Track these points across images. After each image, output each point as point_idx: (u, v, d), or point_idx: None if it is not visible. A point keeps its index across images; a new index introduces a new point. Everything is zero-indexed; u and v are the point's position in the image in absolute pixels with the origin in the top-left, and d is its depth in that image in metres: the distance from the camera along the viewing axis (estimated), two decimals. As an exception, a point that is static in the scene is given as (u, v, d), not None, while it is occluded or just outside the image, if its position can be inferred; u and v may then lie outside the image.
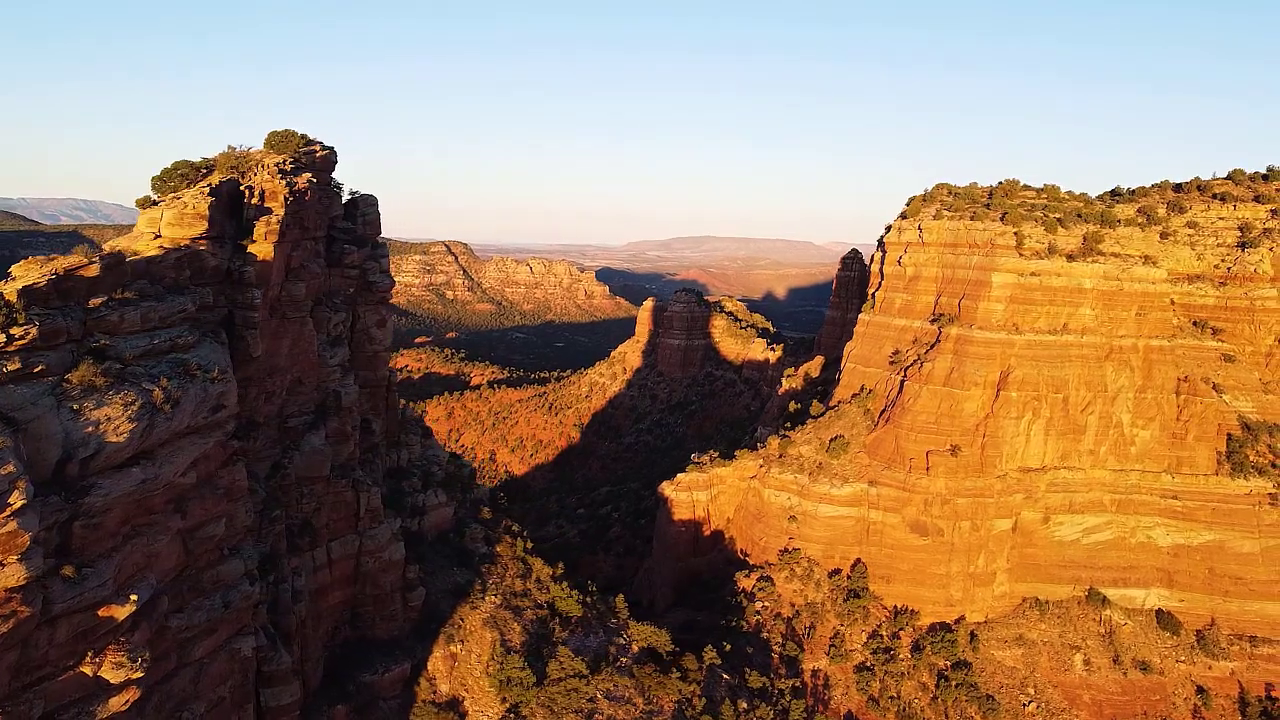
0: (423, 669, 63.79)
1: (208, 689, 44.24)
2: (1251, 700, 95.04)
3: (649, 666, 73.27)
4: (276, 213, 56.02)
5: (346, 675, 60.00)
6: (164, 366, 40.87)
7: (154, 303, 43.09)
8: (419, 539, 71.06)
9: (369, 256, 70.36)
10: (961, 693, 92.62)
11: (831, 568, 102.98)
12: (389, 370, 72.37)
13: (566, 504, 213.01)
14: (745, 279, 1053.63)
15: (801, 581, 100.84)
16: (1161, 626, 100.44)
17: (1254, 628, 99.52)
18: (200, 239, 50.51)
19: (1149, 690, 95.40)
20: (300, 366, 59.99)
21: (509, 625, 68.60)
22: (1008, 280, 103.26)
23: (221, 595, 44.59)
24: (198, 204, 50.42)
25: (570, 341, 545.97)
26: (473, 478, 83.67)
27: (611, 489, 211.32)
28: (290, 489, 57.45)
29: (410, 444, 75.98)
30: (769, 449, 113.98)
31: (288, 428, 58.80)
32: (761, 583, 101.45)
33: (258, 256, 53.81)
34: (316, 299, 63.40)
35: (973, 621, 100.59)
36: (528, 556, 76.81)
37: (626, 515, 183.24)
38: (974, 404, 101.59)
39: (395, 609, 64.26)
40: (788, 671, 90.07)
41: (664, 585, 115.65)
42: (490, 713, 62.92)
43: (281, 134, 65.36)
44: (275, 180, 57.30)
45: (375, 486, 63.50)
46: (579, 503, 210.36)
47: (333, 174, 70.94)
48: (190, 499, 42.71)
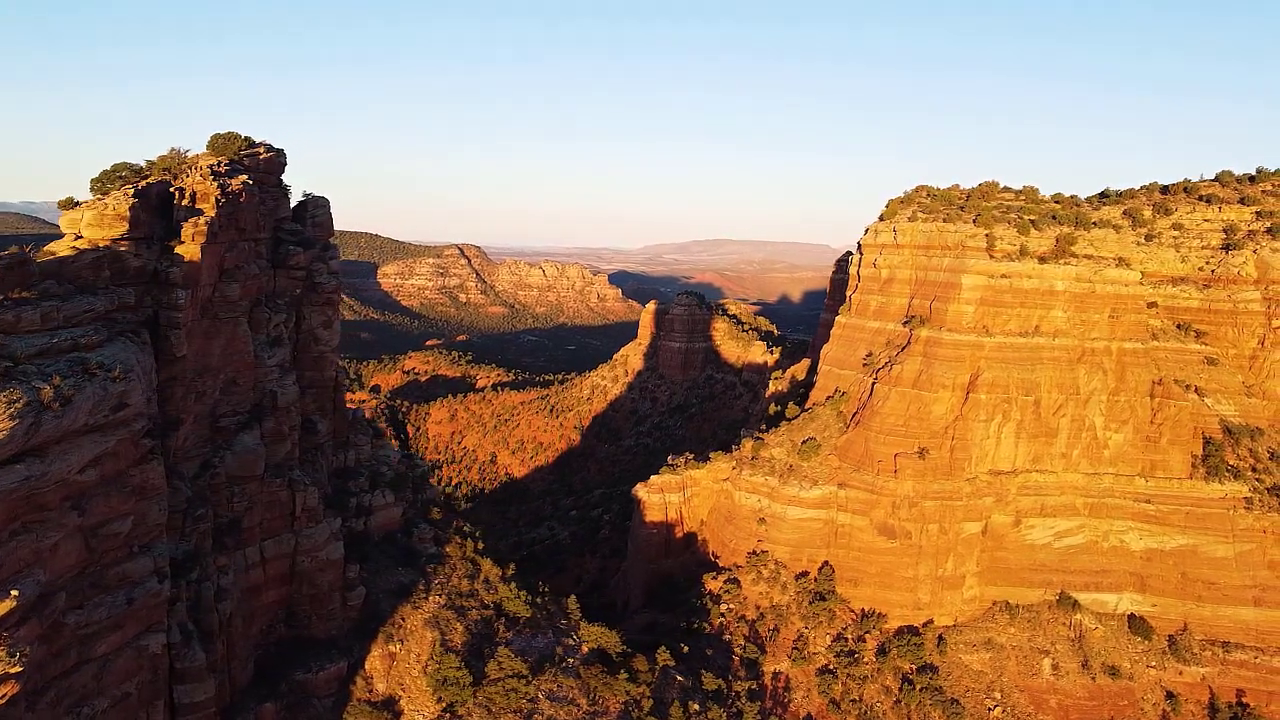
0: (360, 668, 64.12)
1: (111, 685, 44.61)
2: (1222, 706, 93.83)
3: (596, 667, 73.34)
4: (207, 214, 56.57)
5: (280, 673, 60.40)
6: (61, 365, 41.30)
7: (57, 302, 43.67)
8: (364, 539, 71.46)
9: (316, 258, 70.85)
10: (926, 696, 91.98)
11: (799, 570, 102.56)
12: (336, 370, 72.77)
13: (561, 506, 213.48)
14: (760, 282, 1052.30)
15: (768, 584, 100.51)
16: (1133, 631, 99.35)
17: (1227, 633, 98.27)
18: (122, 240, 51.12)
19: (1117, 695, 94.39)
20: (234, 366, 60.52)
21: (451, 625, 68.83)
22: (978, 282, 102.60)
23: (125, 592, 44.95)
24: (118, 205, 51.00)
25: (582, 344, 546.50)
26: (425, 478, 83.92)
27: (605, 491, 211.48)
28: (220, 488, 57.92)
29: (359, 444, 76.37)
30: (742, 451, 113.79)
31: (219, 427, 59.30)
32: (728, 585, 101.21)
33: (184, 257, 54.22)
34: (256, 299, 63.90)
35: (941, 625, 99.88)
36: (477, 557, 77.03)
37: (617, 517, 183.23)
38: (942, 406, 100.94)
39: (334, 608, 64.65)
40: (747, 674, 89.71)
41: (636, 587, 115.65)
42: (426, 712, 63.14)
43: (224, 136, 66.07)
44: (207, 182, 57.85)
45: (313, 486, 63.88)
46: (573, 504, 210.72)
47: (281, 176, 71.61)
48: (92, 497, 43.02)
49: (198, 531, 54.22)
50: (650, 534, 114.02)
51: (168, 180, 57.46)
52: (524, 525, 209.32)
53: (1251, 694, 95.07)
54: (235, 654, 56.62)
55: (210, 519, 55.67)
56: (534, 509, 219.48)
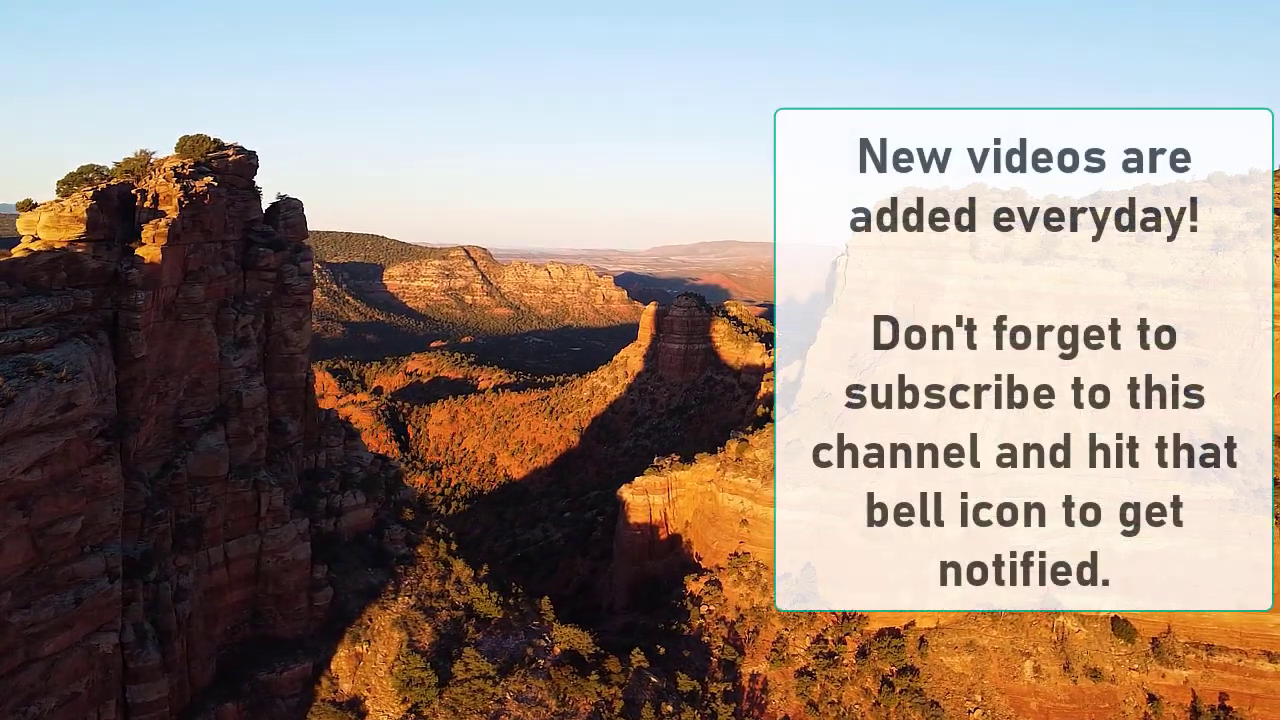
0: (326, 669, 64.31)
1: (60, 684, 44.91)
2: (1204, 709, 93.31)
3: (568, 669, 73.34)
4: (169, 215, 56.84)
5: (243, 673, 60.63)
6: (6, 366, 41.69)
7: (5, 303, 44.02)
8: (334, 539, 71.61)
9: (288, 259, 71.02)
10: (905, 698, 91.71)
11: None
12: (307, 372, 73.02)
13: (557, 507, 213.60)
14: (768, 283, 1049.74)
15: (749, 585, 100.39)
16: (1116, 634, 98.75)
17: (1211, 636, 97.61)
18: (79, 241, 51.42)
19: (1098, 698, 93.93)
20: (199, 367, 60.80)
21: (420, 626, 68.94)
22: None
23: (75, 592, 45.26)
24: (75, 207, 51.27)
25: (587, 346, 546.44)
26: (399, 480, 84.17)
27: (601, 492, 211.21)
28: (182, 488, 58.16)
29: (331, 445, 76.56)
30: (726, 452, 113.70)
31: (183, 427, 59.60)
32: (709, 586, 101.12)
33: (145, 259, 54.48)
34: (223, 301, 64.18)
35: (923, 627, 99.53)
36: (450, 558, 77.10)
37: (610, 519, 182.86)
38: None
39: (300, 608, 64.86)
40: (724, 675, 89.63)
41: (620, 589, 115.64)
42: (391, 713, 63.28)
43: (192, 138, 66.27)
44: (170, 184, 58.13)
45: (279, 487, 64.12)
46: (568, 506, 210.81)
47: (253, 178, 71.81)
48: (39, 497, 43.33)
49: (156, 531, 54.47)
50: (634, 535, 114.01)
51: (130, 182, 57.81)
52: (519, 527, 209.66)
53: (1234, 697, 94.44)
54: (196, 654, 56.83)
55: (170, 519, 55.95)
56: (530, 510, 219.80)
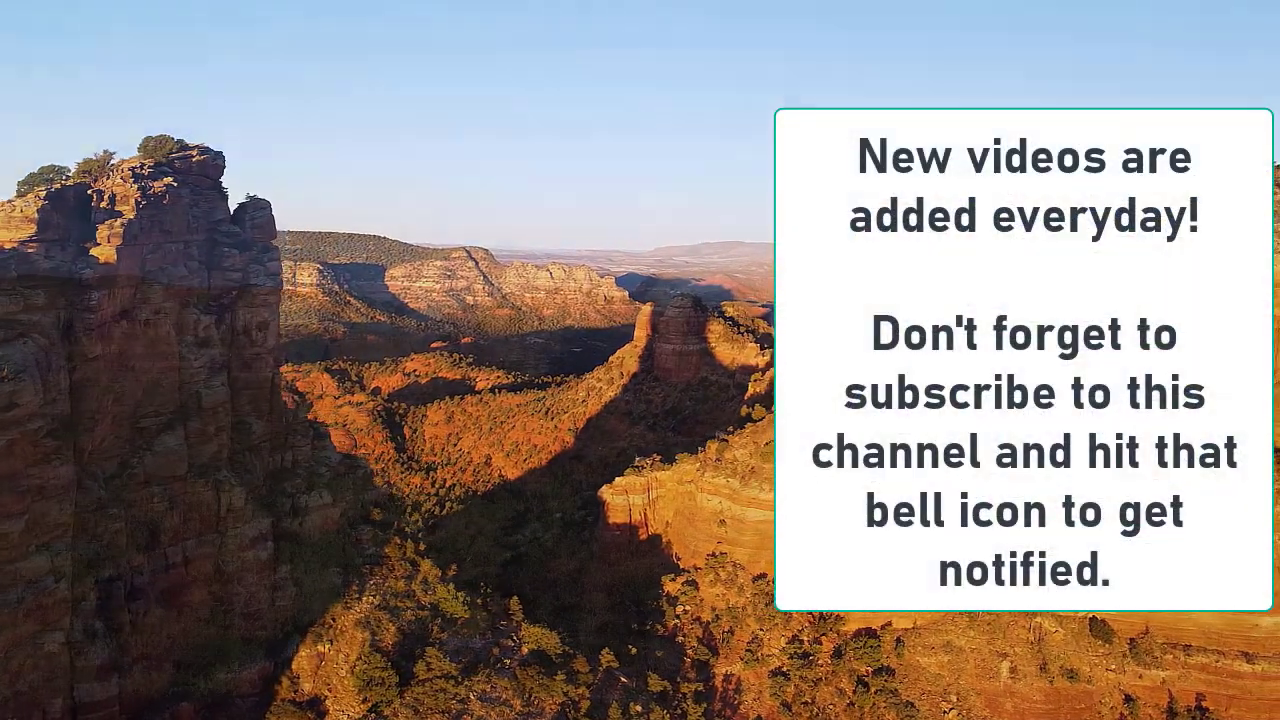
0: (287, 668, 64.38)
1: (4, 683, 45.05)
2: (1180, 710, 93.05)
3: (534, 669, 73.32)
4: (126, 215, 57.05)
5: (202, 672, 60.70)
6: (-56, 366, 41.77)
7: (-52, 304, 44.13)
8: (299, 539, 71.64)
9: (253, 259, 71.12)
10: (880, 699, 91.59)
11: (758, 572, 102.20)
12: (273, 372, 73.10)
13: (548, 508, 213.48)
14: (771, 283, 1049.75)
15: (725, 586, 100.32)
16: (1093, 634, 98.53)
17: (1189, 636, 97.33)
18: (30, 241, 51.62)
19: (1074, 699, 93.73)
20: (158, 368, 60.96)
21: (383, 626, 68.96)
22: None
23: (18, 592, 45.40)
24: (26, 208, 51.47)
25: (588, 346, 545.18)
26: (368, 480, 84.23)
27: (593, 493, 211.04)
28: (138, 487, 58.30)
29: (298, 445, 76.59)
30: (706, 453, 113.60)
31: (141, 427, 59.72)
32: (686, 587, 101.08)
33: (100, 259, 54.70)
34: (185, 301, 64.31)
35: (900, 628, 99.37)
36: (417, 558, 77.15)
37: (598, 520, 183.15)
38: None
39: (260, 608, 64.97)
40: (697, 676, 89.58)
41: (599, 589, 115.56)
42: (351, 713, 63.28)
43: (155, 139, 66.51)
44: (127, 184, 58.34)
45: (240, 487, 64.24)
46: (560, 506, 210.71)
47: (219, 178, 72.01)
48: (-20, 496, 43.57)
49: (110, 531, 54.60)
50: (613, 535, 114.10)
51: (87, 183, 58.01)
52: (511, 527, 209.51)
53: (1211, 698, 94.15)
54: (152, 653, 56.96)
55: (124, 519, 56.04)
56: (522, 511, 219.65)
